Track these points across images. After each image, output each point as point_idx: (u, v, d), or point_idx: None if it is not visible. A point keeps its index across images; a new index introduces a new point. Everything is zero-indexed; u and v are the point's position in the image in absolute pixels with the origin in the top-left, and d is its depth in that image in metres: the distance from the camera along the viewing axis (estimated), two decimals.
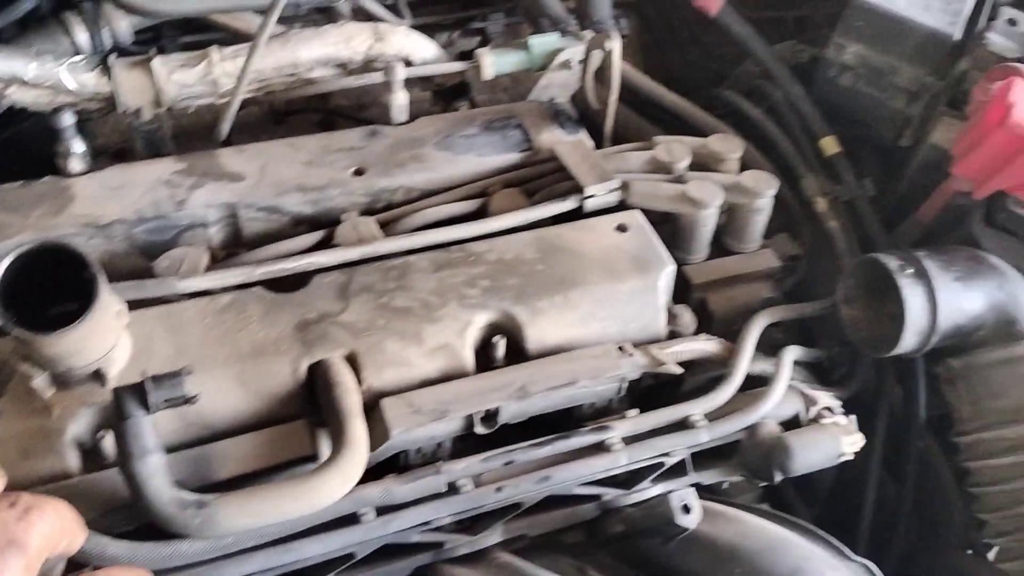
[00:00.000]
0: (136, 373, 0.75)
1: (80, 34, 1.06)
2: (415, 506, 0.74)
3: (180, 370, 0.71)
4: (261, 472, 0.73)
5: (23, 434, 0.71)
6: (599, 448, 0.79)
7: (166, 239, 0.90)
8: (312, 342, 0.79)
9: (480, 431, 0.79)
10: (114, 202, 0.89)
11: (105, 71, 0.98)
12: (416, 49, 1.09)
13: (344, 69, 1.07)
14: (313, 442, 0.75)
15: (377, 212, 0.95)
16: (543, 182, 0.98)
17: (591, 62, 1.07)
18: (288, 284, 0.84)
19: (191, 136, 1.07)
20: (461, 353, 0.82)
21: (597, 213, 0.94)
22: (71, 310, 0.71)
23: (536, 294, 0.85)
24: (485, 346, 0.83)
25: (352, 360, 0.79)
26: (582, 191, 0.93)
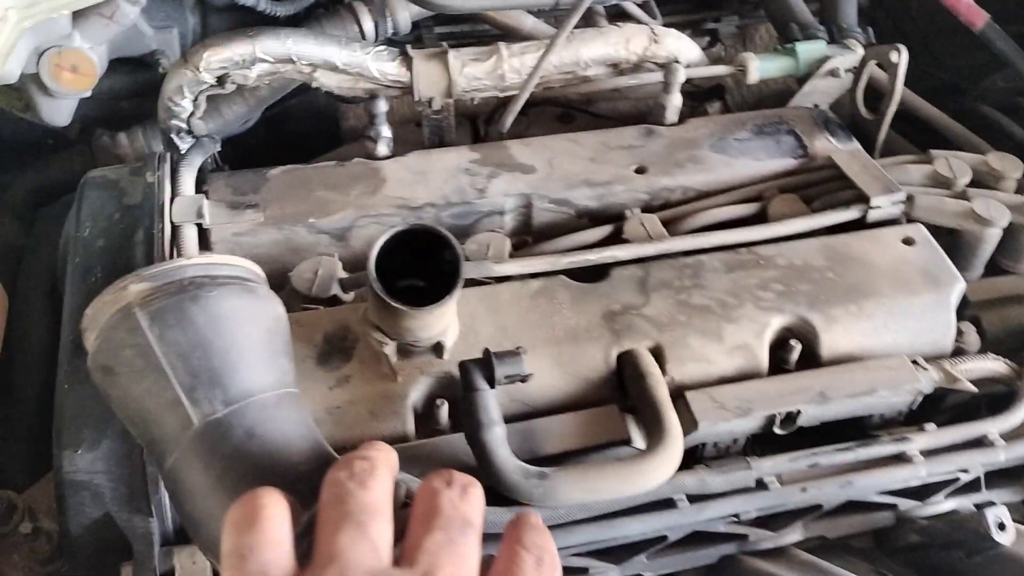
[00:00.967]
0: (465, 348, 0.81)
1: (367, 22, 1.13)
2: (725, 498, 0.77)
3: (518, 349, 0.76)
4: (579, 451, 0.78)
5: (372, 396, 0.78)
6: (899, 459, 0.80)
7: (467, 224, 0.95)
8: (620, 332, 0.83)
9: (778, 431, 0.81)
10: (421, 186, 0.96)
11: (405, 61, 1.04)
12: (684, 51, 1.12)
13: (615, 69, 1.11)
14: (626, 427, 0.79)
15: (656, 209, 0.99)
16: (821, 189, 0.99)
17: (865, 73, 1.07)
18: (588, 275, 0.89)
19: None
20: (759, 354, 0.84)
21: (874, 225, 0.95)
22: (417, 286, 0.78)
23: (829, 301, 0.86)
24: (776, 348, 0.86)
25: (656, 352, 0.82)
26: (866, 201, 0.94)
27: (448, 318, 0.77)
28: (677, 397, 0.80)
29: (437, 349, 0.79)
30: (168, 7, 1.12)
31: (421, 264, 0.75)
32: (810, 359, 0.85)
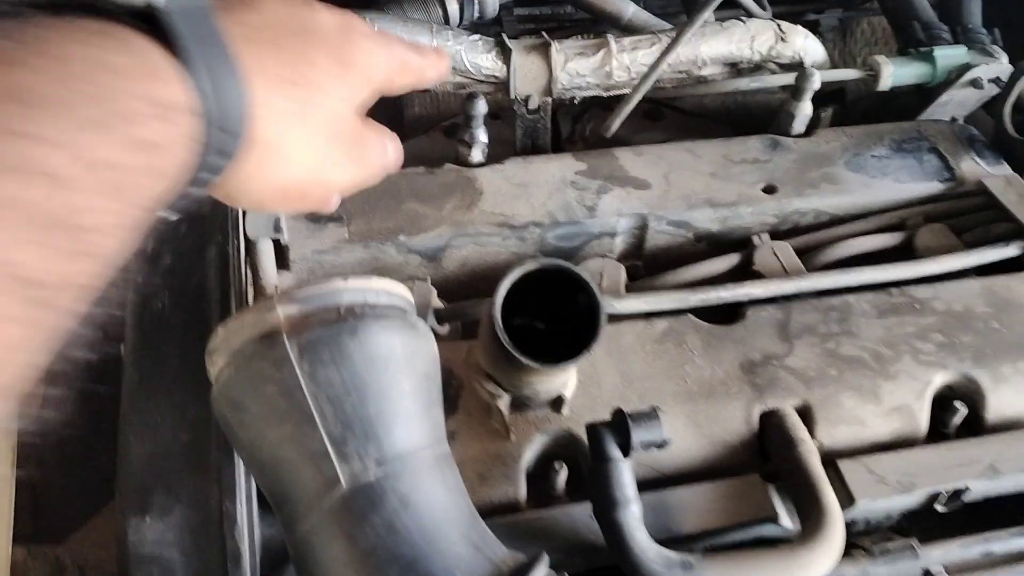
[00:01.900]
0: (586, 401, 0.70)
1: (452, 4, 1.01)
2: None
3: (654, 409, 0.65)
4: (719, 530, 0.67)
5: (481, 457, 0.67)
6: None
7: (574, 246, 0.84)
8: (763, 387, 0.72)
9: (940, 509, 0.71)
10: (522, 201, 0.84)
11: (502, 53, 0.92)
12: (811, 51, 1.00)
13: (733, 68, 0.98)
14: (771, 502, 0.69)
15: (785, 235, 0.87)
16: (972, 220, 0.87)
17: (1018, 87, 0.94)
18: (718, 313, 0.78)
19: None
20: (919, 417, 0.73)
21: None
22: (533, 326, 0.67)
23: (997, 356, 0.75)
24: (934, 408, 0.75)
25: (804, 412, 0.71)
26: None
27: (572, 369, 0.67)
28: (827, 464, 0.69)
29: (556, 403, 0.68)
30: None
31: (542, 302, 0.64)
32: (973, 423, 0.74)
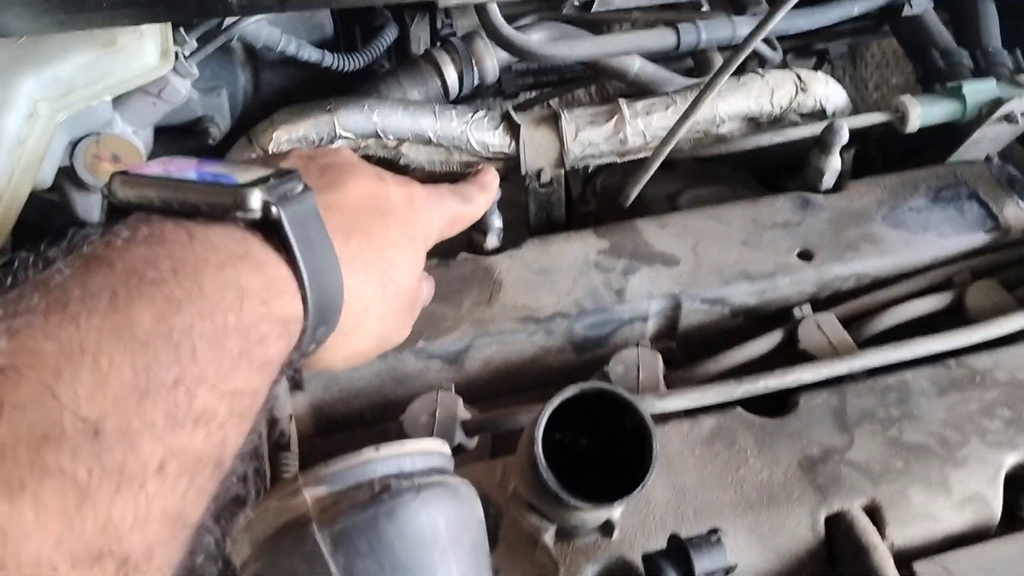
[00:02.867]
0: (636, 521, 0.64)
1: (451, 73, 0.96)
2: None
3: (715, 532, 0.60)
4: None
5: None
6: None
7: (603, 334, 0.79)
8: (826, 488, 0.66)
9: None
10: (545, 289, 0.79)
11: (510, 128, 0.87)
12: (832, 98, 0.94)
13: (754, 122, 0.93)
14: None
15: (826, 302, 0.82)
16: (1021, 273, 0.82)
17: None
18: (767, 402, 0.72)
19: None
20: (992, 504, 0.67)
21: None
22: (571, 442, 0.62)
23: None
24: (1008, 490, 0.69)
25: (872, 511, 0.66)
26: None
27: None
28: (901, 566, 0.64)
29: (606, 528, 0.62)
30: (215, 64, 0.94)
31: (584, 418, 0.59)
32: None
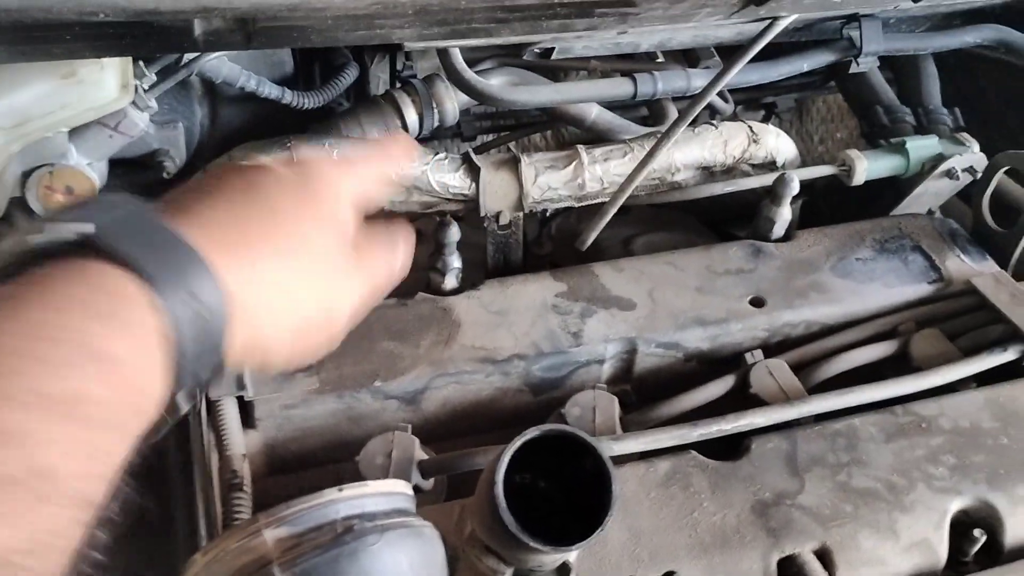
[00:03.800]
0: (593, 564, 0.64)
1: (411, 115, 0.96)
2: None
3: (670, 574, 0.60)
4: None
5: None
6: None
7: (560, 375, 0.79)
8: (778, 531, 0.67)
9: None
10: (503, 330, 0.79)
11: (470, 171, 0.88)
12: (784, 150, 0.98)
13: (707, 171, 0.96)
14: None
15: (775, 348, 0.84)
16: (965, 322, 0.85)
17: (995, 180, 0.93)
18: (720, 443, 0.73)
19: None
20: (938, 549, 0.69)
21: None
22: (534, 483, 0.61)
23: (1010, 475, 0.72)
24: (953, 535, 0.71)
25: (823, 555, 0.67)
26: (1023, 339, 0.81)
27: None
28: None
29: (562, 570, 0.62)
30: (172, 99, 0.93)
31: (542, 459, 0.59)
32: (991, 548, 0.71)
